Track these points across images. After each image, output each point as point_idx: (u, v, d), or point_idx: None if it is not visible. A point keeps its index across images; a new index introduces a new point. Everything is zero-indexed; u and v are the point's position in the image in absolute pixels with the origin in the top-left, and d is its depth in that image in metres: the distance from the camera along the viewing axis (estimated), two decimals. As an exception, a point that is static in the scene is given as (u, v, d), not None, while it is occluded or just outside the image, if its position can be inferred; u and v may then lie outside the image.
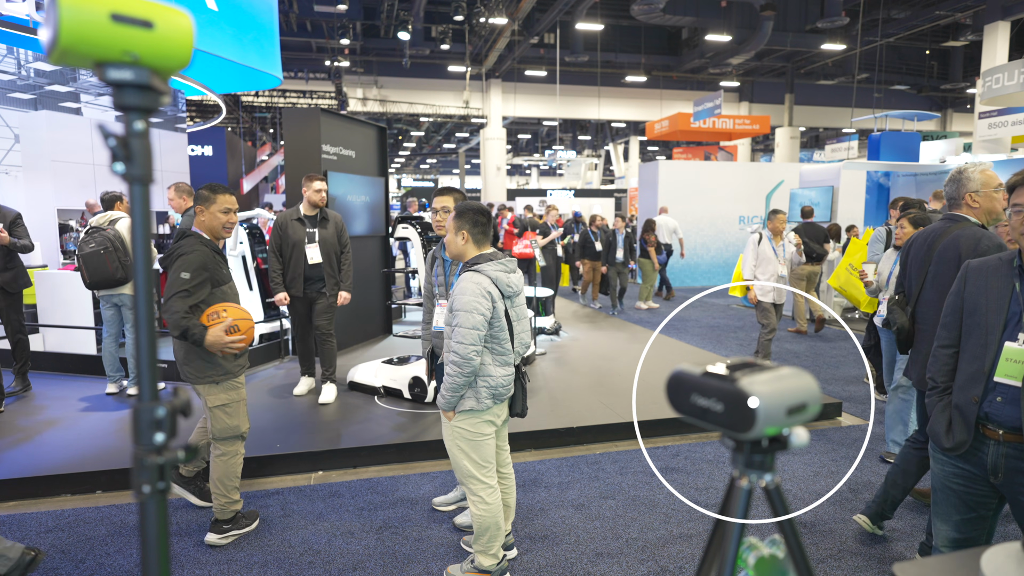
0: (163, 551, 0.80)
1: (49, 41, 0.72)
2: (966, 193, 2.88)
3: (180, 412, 0.82)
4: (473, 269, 2.70)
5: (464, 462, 2.79)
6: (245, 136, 27.06)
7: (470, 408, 2.72)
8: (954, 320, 2.13)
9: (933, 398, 2.18)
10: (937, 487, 2.20)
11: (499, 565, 2.86)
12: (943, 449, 2.12)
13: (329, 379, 5.30)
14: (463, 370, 2.62)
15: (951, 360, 2.14)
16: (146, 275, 0.80)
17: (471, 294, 2.61)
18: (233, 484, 3.24)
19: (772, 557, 0.99)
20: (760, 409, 0.85)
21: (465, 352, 2.60)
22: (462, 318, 2.60)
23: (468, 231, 2.75)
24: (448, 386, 2.66)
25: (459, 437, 2.78)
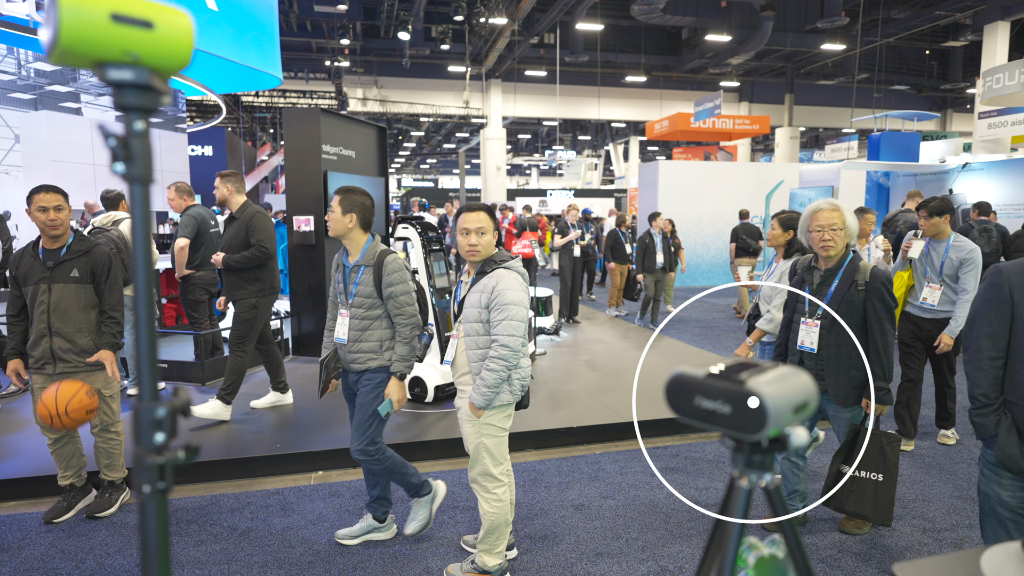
0: (163, 551, 0.80)
1: (49, 41, 0.72)
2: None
3: (180, 412, 0.82)
4: (505, 267, 2.77)
5: (486, 460, 2.81)
6: (245, 136, 27.06)
7: (505, 402, 2.77)
8: (1002, 330, 1.99)
9: (990, 417, 2.01)
10: (1003, 518, 2.00)
11: (501, 565, 2.87)
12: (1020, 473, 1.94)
13: (219, 394, 4.73)
14: (510, 363, 2.68)
15: (1001, 373, 2.01)
16: (146, 275, 0.80)
17: (517, 289, 2.71)
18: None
19: (772, 557, 0.99)
20: (770, 409, 0.84)
21: (515, 344, 2.67)
22: (513, 311, 2.66)
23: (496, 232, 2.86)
24: (491, 382, 2.66)
25: (487, 434, 2.79)
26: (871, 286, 2.89)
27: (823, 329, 2.99)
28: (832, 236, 2.92)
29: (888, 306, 2.89)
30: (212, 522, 3.46)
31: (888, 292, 2.88)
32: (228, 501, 3.71)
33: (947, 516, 3.53)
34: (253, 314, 4.75)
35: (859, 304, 2.91)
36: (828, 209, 2.93)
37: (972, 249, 4.23)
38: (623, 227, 9.72)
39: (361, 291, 2.99)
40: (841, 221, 2.92)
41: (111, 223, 5.19)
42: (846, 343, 2.94)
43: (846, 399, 3.01)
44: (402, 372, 2.99)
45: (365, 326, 3.00)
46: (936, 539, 3.30)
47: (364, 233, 3.04)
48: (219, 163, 16.75)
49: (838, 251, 2.96)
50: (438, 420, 4.78)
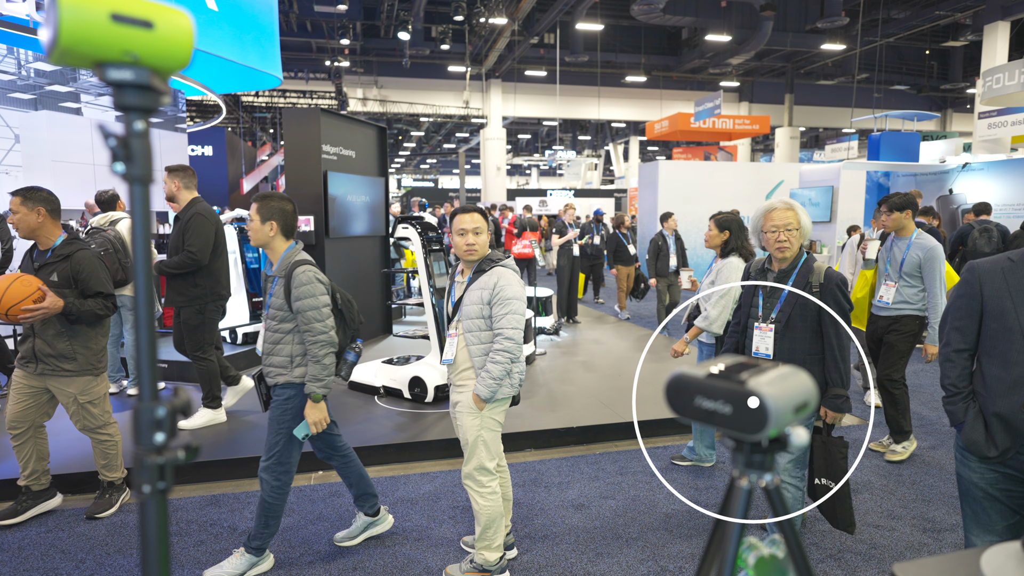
0: (163, 551, 0.80)
1: (49, 41, 0.72)
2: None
3: (180, 412, 0.82)
4: (503, 265, 2.86)
5: (483, 453, 2.84)
6: (245, 136, 27.05)
7: (506, 395, 2.84)
8: (970, 324, 2.09)
9: (958, 404, 2.13)
10: (976, 497, 2.12)
11: (500, 562, 2.87)
12: (985, 458, 2.05)
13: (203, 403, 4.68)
14: (514, 355, 2.76)
15: (969, 364, 2.12)
16: (146, 275, 0.80)
17: (517, 285, 2.81)
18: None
19: (772, 557, 0.99)
20: (771, 409, 0.84)
21: (518, 337, 2.77)
22: (515, 306, 2.76)
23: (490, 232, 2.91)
24: (497, 374, 2.73)
25: (487, 428, 2.84)
26: (825, 288, 2.78)
27: (777, 334, 2.85)
28: (787, 237, 2.80)
29: (843, 309, 2.78)
30: (212, 522, 3.46)
31: (843, 294, 2.78)
32: (228, 501, 3.71)
33: (947, 516, 3.53)
34: (200, 320, 4.51)
35: (813, 307, 2.79)
36: (782, 208, 2.82)
37: (934, 247, 4.12)
38: (623, 228, 9.62)
39: (273, 303, 2.88)
40: (796, 221, 2.81)
41: (108, 223, 5.18)
42: (800, 348, 2.82)
43: None
44: (314, 393, 2.81)
45: (277, 339, 2.88)
46: (936, 539, 3.30)
47: (286, 241, 2.93)
48: (219, 163, 16.75)
49: (793, 252, 2.84)
50: (438, 420, 4.78)
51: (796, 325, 2.80)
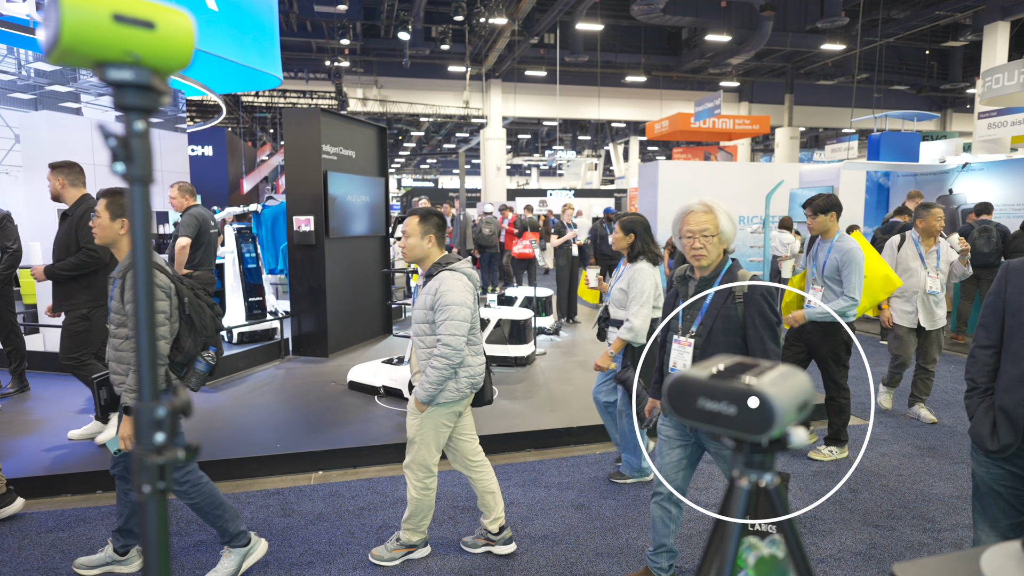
0: (163, 551, 0.80)
1: (50, 41, 0.72)
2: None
3: (180, 412, 0.82)
4: (450, 268, 2.88)
5: (423, 452, 2.93)
6: (245, 136, 27.04)
7: (450, 399, 2.88)
8: (994, 321, 2.11)
9: (974, 399, 2.16)
10: (982, 492, 2.15)
11: (423, 538, 3.09)
12: (987, 452, 2.08)
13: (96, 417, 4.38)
14: (452, 362, 2.79)
15: (991, 360, 2.13)
16: (146, 275, 0.80)
17: (459, 290, 2.80)
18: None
19: (772, 557, 0.99)
20: (777, 409, 0.85)
21: (458, 344, 2.78)
22: (454, 312, 2.77)
23: (435, 235, 2.92)
24: (434, 380, 2.80)
25: (429, 428, 2.92)
26: (750, 298, 2.50)
27: (697, 348, 2.58)
28: (704, 243, 2.51)
29: (768, 321, 2.50)
30: (212, 522, 3.46)
31: (769, 304, 2.50)
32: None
33: (947, 516, 3.53)
34: (85, 327, 4.18)
35: (737, 318, 2.51)
36: (700, 211, 2.52)
37: (851, 249, 4.04)
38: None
39: (112, 306, 2.72)
40: (714, 226, 2.50)
41: None
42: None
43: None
44: (128, 406, 2.59)
45: (116, 345, 2.73)
46: (936, 539, 3.30)
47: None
48: (219, 163, 16.73)
49: (711, 259, 2.54)
50: (438, 420, 4.78)
51: (718, 339, 2.53)
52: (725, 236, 2.53)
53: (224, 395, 5.47)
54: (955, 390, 6.00)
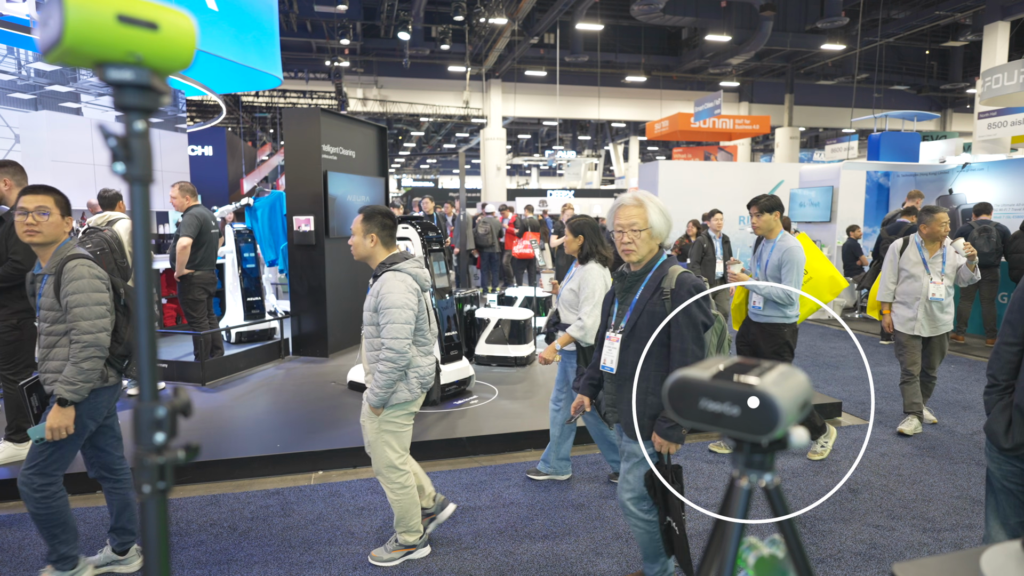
0: (163, 551, 0.80)
1: (51, 40, 0.72)
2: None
3: (180, 412, 0.82)
4: (394, 269, 2.87)
5: (388, 454, 2.93)
6: (245, 136, 27.04)
7: (403, 400, 2.89)
8: (1020, 318, 2.08)
9: (992, 396, 2.14)
10: (995, 489, 2.14)
11: (422, 538, 3.07)
12: (1001, 449, 2.06)
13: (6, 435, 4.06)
14: (398, 364, 2.78)
15: (1015, 358, 2.10)
16: (146, 275, 0.80)
17: (400, 292, 2.80)
18: None
19: (772, 557, 0.99)
20: (782, 409, 0.85)
21: (401, 347, 2.77)
22: (395, 314, 2.77)
23: (378, 234, 2.91)
24: (383, 383, 2.79)
25: (387, 430, 2.92)
26: (676, 295, 2.39)
27: (622, 344, 2.51)
28: (632, 238, 2.43)
29: (693, 320, 2.39)
30: (212, 522, 3.46)
31: (697, 304, 2.39)
32: (228, 501, 3.71)
33: (947, 516, 3.53)
34: (16, 336, 3.93)
35: (663, 315, 2.42)
36: (630, 205, 2.45)
37: (792, 248, 3.99)
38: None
39: (44, 303, 2.64)
40: (643, 220, 2.41)
41: (105, 223, 5.18)
42: (647, 362, 2.46)
43: (639, 430, 2.47)
44: (63, 397, 2.54)
45: (51, 343, 2.66)
46: (936, 539, 3.30)
47: (64, 234, 2.70)
48: (219, 163, 16.72)
49: (642, 254, 2.46)
50: (438, 420, 4.78)
51: (642, 335, 2.46)
52: (656, 231, 2.45)
53: (224, 395, 5.47)
54: (955, 390, 6.00)
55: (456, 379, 5.28)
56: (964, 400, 5.71)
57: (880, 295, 4.94)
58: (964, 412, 5.37)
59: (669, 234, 2.51)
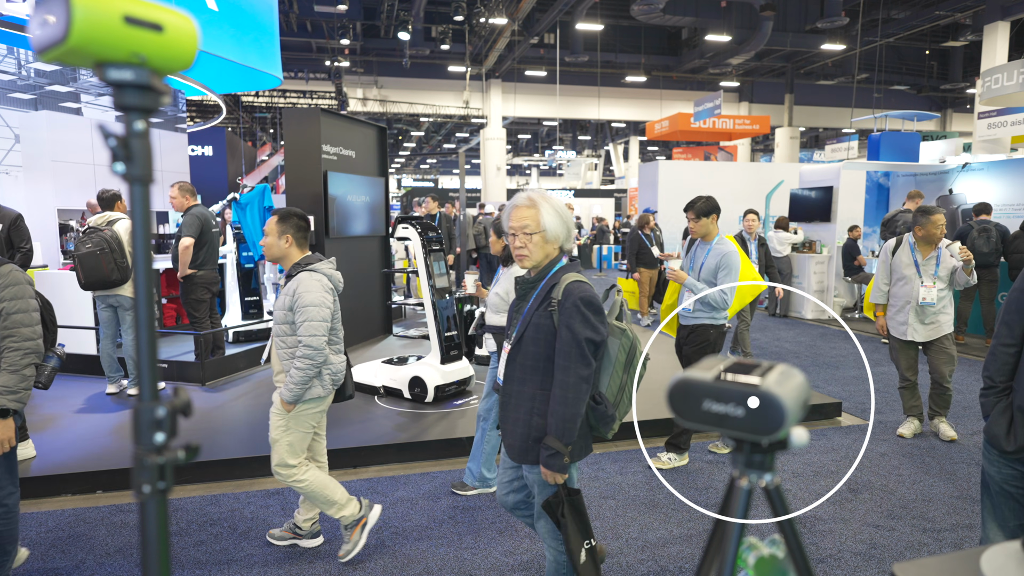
0: (163, 551, 0.80)
1: (53, 39, 0.71)
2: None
3: (180, 412, 0.82)
4: (309, 269, 2.91)
5: (285, 452, 2.95)
6: (245, 136, 27.04)
7: (316, 396, 2.93)
8: (1018, 319, 2.06)
9: (991, 398, 2.11)
10: (993, 491, 2.12)
11: (359, 506, 3.06)
12: (1003, 452, 2.04)
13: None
14: (315, 361, 2.82)
15: (1012, 359, 2.08)
16: (146, 275, 0.80)
17: (317, 291, 2.84)
18: None
19: (772, 557, 0.99)
20: (787, 409, 0.85)
21: (319, 344, 2.82)
22: (312, 313, 2.81)
23: (293, 235, 2.94)
24: (298, 380, 2.83)
25: (294, 428, 2.94)
26: (562, 306, 2.14)
27: (509, 357, 2.28)
28: (525, 242, 2.21)
29: (576, 337, 2.11)
30: (212, 522, 3.46)
31: (583, 317, 2.12)
32: (228, 501, 3.71)
33: (947, 516, 3.53)
34: None
35: (550, 327, 2.18)
36: (522, 206, 2.23)
37: (729, 252, 3.96)
38: (646, 229, 9.12)
39: None
40: (536, 222, 2.20)
41: (105, 223, 5.18)
42: (532, 378, 2.22)
43: (522, 454, 2.25)
44: (6, 407, 2.47)
45: None
46: (936, 539, 3.30)
47: None
48: (219, 163, 16.72)
49: (536, 259, 2.23)
50: (438, 420, 4.78)
51: (527, 349, 2.23)
52: (551, 233, 2.22)
53: (224, 395, 5.47)
54: (955, 390, 5.99)
55: (456, 379, 5.28)
56: (964, 400, 5.71)
57: (873, 296, 4.79)
58: (964, 412, 5.37)
59: (570, 237, 2.28)
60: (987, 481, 2.15)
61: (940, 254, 4.49)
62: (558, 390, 2.13)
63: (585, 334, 2.12)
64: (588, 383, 2.15)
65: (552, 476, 2.16)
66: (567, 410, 2.11)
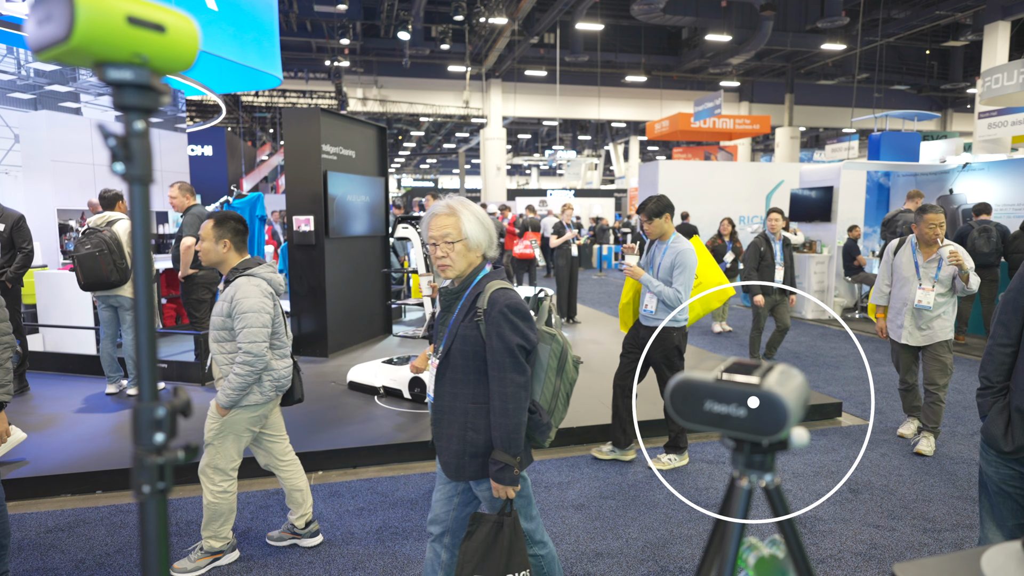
0: (163, 551, 0.80)
1: (53, 38, 0.71)
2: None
3: (180, 412, 0.82)
4: (248, 274, 2.88)
5: (221, 457, 2.92)
6: (245, 136, 27.07)
7: (254, 402, 2.90)
8: (1014, 318, 2.05)
9: (988, 398, 2.11)
10: (991, 491, 2.12)
11: (229, 543, 3.04)
12: (1000, 452, 2.04)
13: None
14: (255, 367, 2.80)
15: (1008, 359, 2.07)
16: (146, 275, 0.80)
17: (255, 296, 2.82)
18: None
19: (772, 557, 0.99)
20: (790, 409, 0.85)
21: (259, 350, 2.80)
22: (251, 319, 2.78)
23: (230, 239, 2.91)
24: (236, 386, 2.80)
25: (229, 432, 2.91)
26: (489, 315, 2.07)
27: (437, 372, 2.19)
28: (447, 251, 2.12)
29: (508, 345, 2.04)
30: (212, 522, 3.46)
31: (511, 324, 2.05)
32: (228, 501, 3.70)
33: (947, 516, 3.53)
34: None
35: (477, 338, 2.10)
36: (441, 215, 2.13)
37: (684, 250, 3.93)
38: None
39: None
40: (457, 231, 2.11)
41: (105, 223, 5.18)
42: (463, 392, 2.13)
43: (458, 471, 2.15)
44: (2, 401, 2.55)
45: None
46: (936, 539, 3.30)
47: None
48: (219, 163, 16.75)
49: (460, 269, 2.14)
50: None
51: (456, 363, 2.13)
52: (473, 241, 2.13)
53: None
54: (955, 390, 6.00)
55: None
56: (965, 400, 5.71)
57: (873, 297, 4.71)
58: (964, 412, 5.37)
59: (492, 245, 2.19)
60: (985, 481, 2.15)
61: (943, 256, 4.33)
62: (497, 402, 2.06)
63: (516, 341, 2.05)
64: (526, 390, 2.08)
65: (504, 490, 2.08)
66: (509, 420, 2.05)
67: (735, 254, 8.55)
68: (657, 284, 3.97)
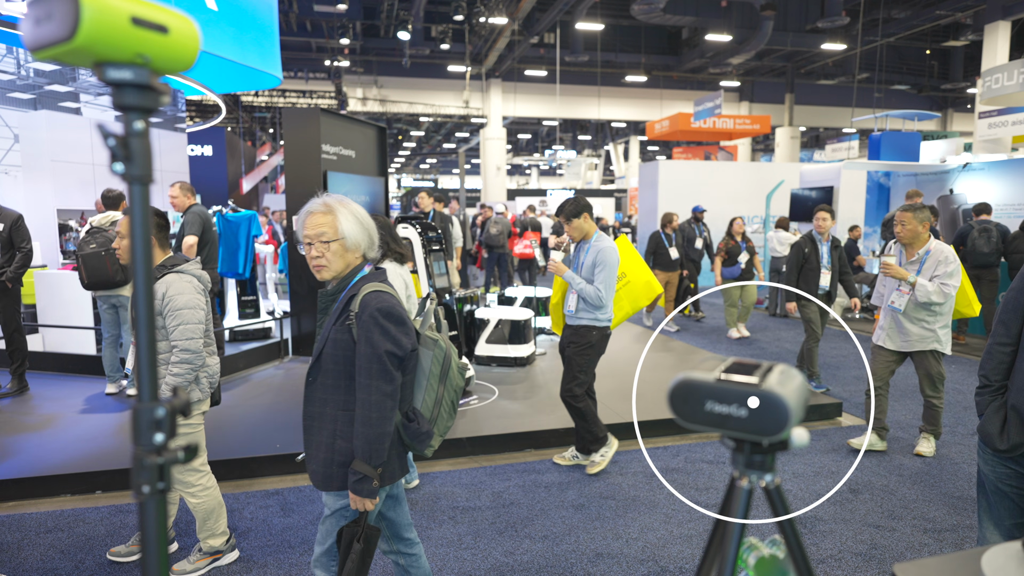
0: (163, 551, 0.80)
1: (55, 37, 0.71)
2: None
3: (180, 412, 0.82)
4: (176, 271, 2.83)
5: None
6: (245, 136, 27.06)
7: (196, 399, 2.87)
8: (1015, 318, 2.06)
9: (985, 397, 2.12)
10: (988, 490, 2.12)
11: (228, 542, 3.02)
12: (996, 451, 2.05)
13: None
14: (194, 364, 2.77)
15: (1008, 358, 2.08)
16: (146, 275, 0.80)
17: (188, 293, 2.78)
18: None
19: (772, 557, 0.99)
20: (791, 409, 0.84)
21: (196, 347, 2.76)
22: (186, 315, 2.75)
23: (155, 235, 2.86)
24: (176, 385, 2.75)
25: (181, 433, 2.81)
26: (360, 320, 1.97)
27: (308, 377, 2.09)
28: (322, 251, 2.01)
29: (376, 351, 1.94)
30: (212, 522, 3.46)
31: (382, 329, 1.95)
32: (228, 501, 3.70)
33: (947, 516, 3.53)
34: None
35: (349, 343, 2.00)
36: (317, 213, 2.02)
37: (605, 248, 3.92)
38: (668, 228, 8.69)
39: None
40: (333, 230, 2.00)
41: (109, 223, 5.18)
42: (333, 398, 2.03)
43: (326, 481, 2.05)
44: None
45: None
46: (936, 539, 3.30)
47: None
48: (219, 163, 16.74)
49: (336, 270, 2.05)
50: (438, 420, 4.78)
51: (327, 367, 2.04)
52: (351, 241, 2.03)
53: (224, 395, 5.47)
54: (956, 390, 6.00)
55: (456, 379, 5.28)
56: (965, 400, 5.71)
57: (873, 298, 4.61)
58: (964, 412, 5.37)
59: (373, 245, 2.10)
60: (982, 480, 2.16)
61: (926, 259, 4.13)
62: (361, 410, 1.95)
63: (385, 347, 1.94)
64: (393, 399, 1.97)
65: (361, 502, 1.97)
66: (371, 430, 1.94)
67: (749, 254, 8.31)
68: (579, 281, 3.96)
